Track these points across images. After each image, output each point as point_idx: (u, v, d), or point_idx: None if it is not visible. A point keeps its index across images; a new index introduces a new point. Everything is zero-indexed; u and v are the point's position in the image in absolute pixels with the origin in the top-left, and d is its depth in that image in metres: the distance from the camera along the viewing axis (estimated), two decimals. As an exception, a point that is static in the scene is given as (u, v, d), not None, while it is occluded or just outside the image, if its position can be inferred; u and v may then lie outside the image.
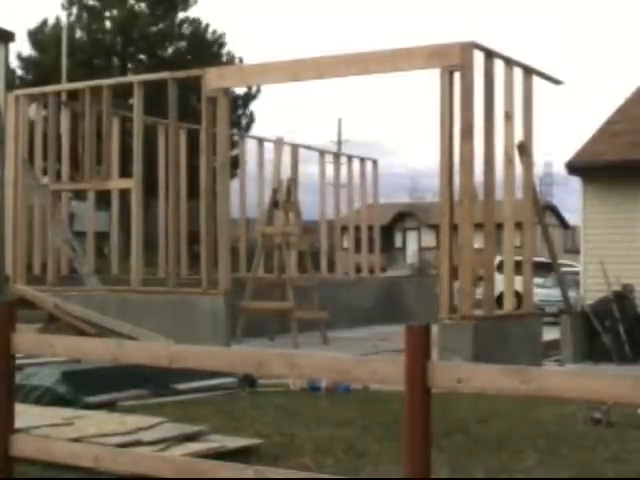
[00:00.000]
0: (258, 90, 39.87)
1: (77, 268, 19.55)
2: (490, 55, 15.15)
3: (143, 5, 39.47)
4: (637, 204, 17.69)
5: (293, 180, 21.01)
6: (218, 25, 41.67)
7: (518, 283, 16.35)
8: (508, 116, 15.69)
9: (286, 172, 22.32)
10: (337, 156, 27.66)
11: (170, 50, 39.47)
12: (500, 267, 16.78)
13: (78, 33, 38.83)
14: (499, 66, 15.45)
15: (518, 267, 16.03)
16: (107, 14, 39.38)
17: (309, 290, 18.94)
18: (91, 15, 39.26)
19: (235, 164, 24.21)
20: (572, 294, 18.62)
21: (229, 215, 17.92)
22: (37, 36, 38.73)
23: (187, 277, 21.50)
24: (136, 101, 18.77)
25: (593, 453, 8.00)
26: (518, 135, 16.03)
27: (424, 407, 4.84)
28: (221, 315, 16.90)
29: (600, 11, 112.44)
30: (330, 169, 26.06)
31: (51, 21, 38.99)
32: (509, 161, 15.77)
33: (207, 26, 40.22)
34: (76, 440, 6.89)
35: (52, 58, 36.19)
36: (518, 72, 15.94)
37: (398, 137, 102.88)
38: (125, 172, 20.86)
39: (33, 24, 39.15)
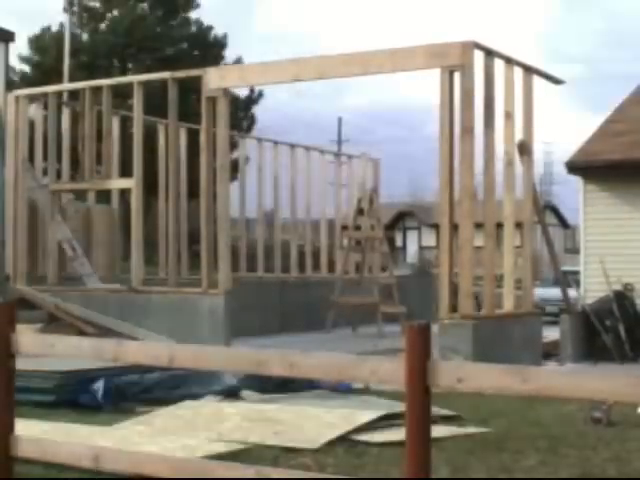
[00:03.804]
0: (260, 95, 39.87)
1: (77, 268, 19.54)
2: (490, 54, 15.13)
3: (144, 6, 39.45)
4: (637, 203, 17.69)
5: (375, 190, 23.84)
6: (219, 25, 41.67)
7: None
8: (508, 115, 15.68)
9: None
10: (337, 156, 27.66)
11: (171, 51, 39.43)
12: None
13: (79, 34, 38.79)
14: (499, 65, 15.44)
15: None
16: (108, 15, 39.37)
17: (389, 287, 21.83)
18: (92, 16, 39.23)
19: (235, 164, 24.22)
20: (572, 293, 18.62)
21: (229, 215, 17.92)
22: (38, 37, 38.71)
23: (187, 277, 21.50)
24: (136, 101, 18.76)
25: (593, 453, 7.99)
26: (518, 135, 16.03)
27: (424, 407, 4.84)
28: (221, 315, 16.89)
29: (600, 10, 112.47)
30: (330, 169, 26.07)
31: (52, 22, 39.01)
32: (509, 161, 15.76)
33: (209, 27, 40.20)
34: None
35: (53, 59, 36.17)
36: (518, 71, 15.93)
37: (398, 136, 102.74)
38: (125, 172, 20.85)
39: (34, 25, 39.21)
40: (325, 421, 8.64)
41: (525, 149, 16.15)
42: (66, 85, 25.21)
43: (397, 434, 7.59)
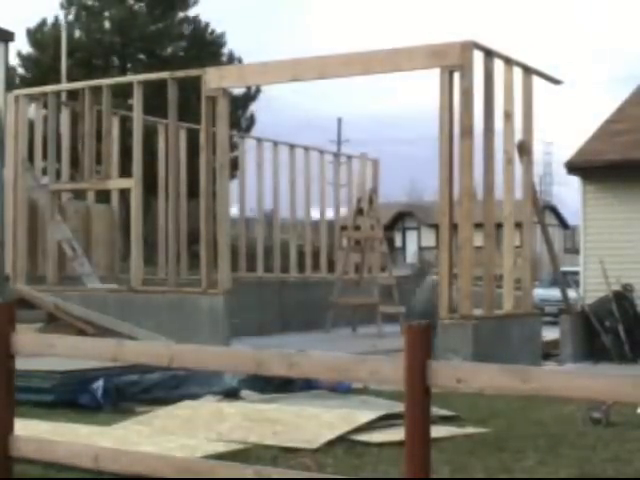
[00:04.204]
0: (258, 91, 39.81)
1: (76, 268, 19.53)
2: (490, 55, 15.14)
3: (142, 5, 39.44)
4: (637, 204, 17.68)
5: (374, 191, 23.65)
6: (218, 24, 41.50)
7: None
8: (508, 116, 15.69)
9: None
10: (337, 156, 27.66)
11: (169, 50, 39.42)
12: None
13: (77, 33, 38.79)
14: (499, 66, 15.45)
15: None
16: (106, 14, 39.36)
17: (389, 287, 21.79)
18: (90, 15, 39.22)
19: (235, 164, 24.21)
20: (572, 294, 18.63)
21: (229, 215, 17.93)
22: (36, 35, 38.68)
23: (187, 277, 21.49)
24: (136, 101, 18.76)
25: (593, 453, 7.99)
26: (518, 135, 16.03)
27: (424, 407, 4.84)
28: (221, 315, 16.90)
29: (600, 10, 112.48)
30: (330, 169, 26.07)
31: (50, 20, 38.96)
32: (509, 161, 15.77)
33: (207, 25, 40.17)
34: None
35: (51, 57, 36.17)
36: (518, 72, 15.94)
37: (398, 136, 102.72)
38: (125, 172, 20.85)
39: (32, 23, 39.10)
40: (324, 421, 8.64)
41: (525, 149, 16.15)
42: (66, 85, 25.21)
43: (396, 434, 7.60)
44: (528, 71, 16.16)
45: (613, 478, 7.24)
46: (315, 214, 24.91)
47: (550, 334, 17.62)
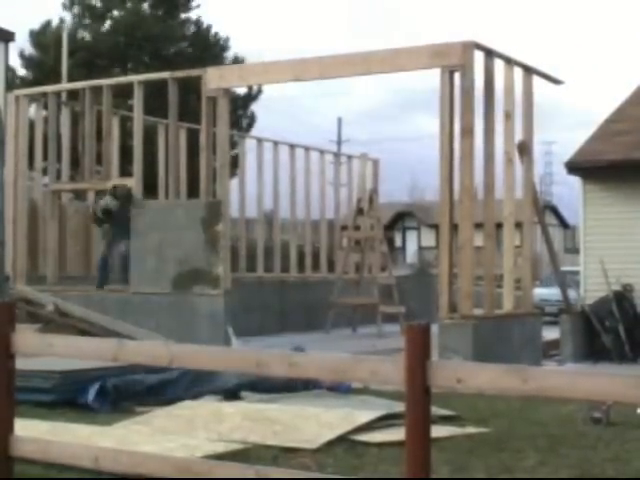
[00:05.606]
0: (259, 91, 39.83)
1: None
2: (490, 55, 15.14)
3: (144, 6, 39.46)
4: (637, 204, 17.68)
5: (374, 190, 23.54)
6: (220, 24, 41.59)
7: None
8: (508, 116, 15.69)
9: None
10: (337, 156, 27.65)
11: (172, 51, 39.42)
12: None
13: (80, 33, 38.80)
14: (499, 66, 15.45)
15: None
16: (109, 15, 39.39)
17: (389, 287, 21.74)
18: (93, 15, 39.25)
19: (235, 160, 24.21)
20: (572, 294, 18.63)
21: (229, 215, 17.91)
22: (39, 37, 38.69)
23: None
24: (136, 101, 18.76)
25: (593, 453, 7.99)
26: (518, 135, 16.04)
27: (424, 407, 4.84)
28: (220, 315, 16.88)
29: (601, 10, 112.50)
30: (330, 169, 26.06)
31: (53, 21, 38.97)
32: (509, 161, 15.77)
33: (209, 26, 40.20)
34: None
35: (53, 58, 36.18)
36: (518, 72, 15.94)
37: (398, 136, 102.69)
38: (125, 172, 20.84)
39: (34, 23, 39.12)
40: (324, 421, 8.64)
41: (525, 149, 16.15)
42: (66, 85, 25.19)
43: (397, 434, 7.60)
44: (528, 71, 16.16)
45: (613, 478, 7.24)
46: (315, 214, 24.90)
47: (550, 334, 17.62)
